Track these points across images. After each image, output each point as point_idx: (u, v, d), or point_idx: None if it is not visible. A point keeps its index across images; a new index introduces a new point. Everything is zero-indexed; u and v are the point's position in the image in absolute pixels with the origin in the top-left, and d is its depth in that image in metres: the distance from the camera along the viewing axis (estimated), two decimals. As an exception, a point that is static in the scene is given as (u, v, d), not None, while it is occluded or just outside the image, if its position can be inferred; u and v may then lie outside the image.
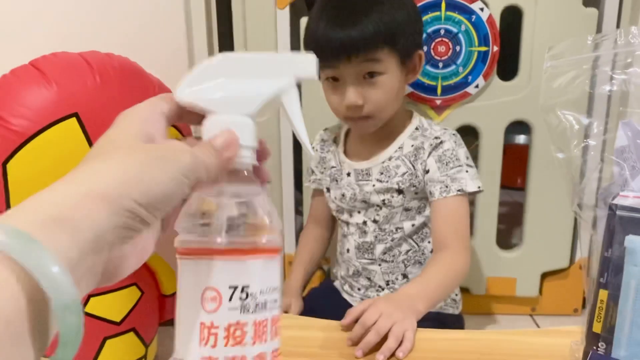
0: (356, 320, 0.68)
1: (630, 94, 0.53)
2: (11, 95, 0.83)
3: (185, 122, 0.36)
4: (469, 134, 1.26)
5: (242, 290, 0.31)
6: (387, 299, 0.74)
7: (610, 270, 0.50)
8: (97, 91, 0.88)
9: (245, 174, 0.34)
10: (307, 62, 0.35)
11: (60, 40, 0.95)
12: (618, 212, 0.50)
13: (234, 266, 0.32)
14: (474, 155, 1.21)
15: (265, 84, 0.34)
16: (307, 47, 0.96)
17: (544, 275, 1.41)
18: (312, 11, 0.95)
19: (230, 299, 0.31)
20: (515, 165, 1.56)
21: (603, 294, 0.51)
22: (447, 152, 0.96)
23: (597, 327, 0.51)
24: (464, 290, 1.38)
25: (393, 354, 0.62)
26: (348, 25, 0.87)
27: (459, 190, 0.93)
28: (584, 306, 1.40)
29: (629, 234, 0.49)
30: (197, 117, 0.35)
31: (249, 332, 0.31)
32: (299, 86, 0.35)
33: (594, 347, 0.51)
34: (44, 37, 1.18)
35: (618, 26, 1.22)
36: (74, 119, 0.86)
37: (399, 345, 0.63)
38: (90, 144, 0.85)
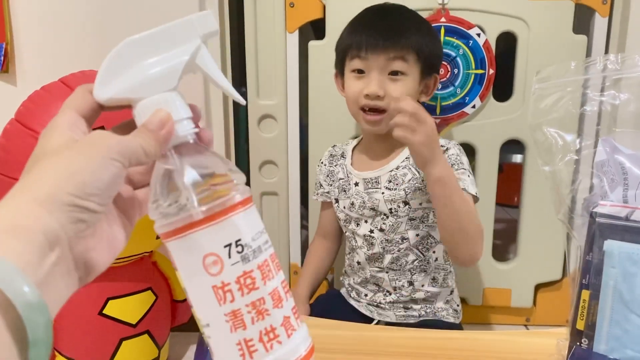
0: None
1: (608, 113, 0.58)
2: (43, 109, 0.89)
3: (108, 110, 0.36)
4: (466, 154, 1.30)
5: (237, 245, 0.33)
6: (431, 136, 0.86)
7: (592, 272, 0.54)
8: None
9: (192, 142, 0.35)
10: (207, 19, 0.36)
11: (88, 60, 1.01)
12: (598, 219, 0.54)
13: (221, 227, 0.33)
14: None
15: (176, 54, 0.35)
16: (343, 43, 1.05)
17: (538, 287, 1.43)
18: (354, 19, 1.06)
19: (229, 256, 0.33)
20: (513, 183, 1.58)
21: (585, 294, 0.54)
22: (452, 157, 1.02)
23: (580, 325, 0.54)
24: (461, 300, 1.40)
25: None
26: (390, 28, 0.98)
27: (462, 189, 0.96)
28: (576, 317, 1.41)
29: (607, 239, 0.53)
30: (118, 107, 0.36)
31: (257, 276, 0.34)
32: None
33: (578, 343, 0.54)
34: (72, 57, 1.23)
35: (606, 52, 1.27)
36: (100, 132, 0.91)
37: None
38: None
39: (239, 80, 1.39)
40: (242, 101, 0.39)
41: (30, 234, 0.27)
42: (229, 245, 0.33)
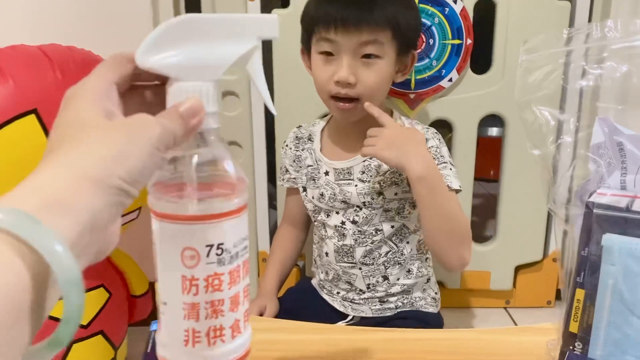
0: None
1: (607, 89, 0.52)
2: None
3: (138, 82, 0.36)
4: (442, 127, 1.25)
5: (218, 247, 0.34)
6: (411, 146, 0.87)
7: (587, 269, 0.49)
8: (57, 86, 0.84)
9: (213, 137, 0.35)
10: (270, 22, 0.36)
11: (19, 33, 0.92)
12: (595, 211, 0.49)
13: (208, 228, 0.34)
14: (448, 147, 1.20)
15: (229, 48, 0.35)
16: (308, 17, 0.94)
17: (518, 269, 1.42)
18: None
19: (207, 256, 0.34)
20: (489, 157, 1.57)
21: (580, 294, 0.50)
22: (431, 150, 0.94)
23: (574, 327, 0.50)
24: (439, 284, 1.38)
25: None
26: (363, 3, 0.88)
27: (446, 185, 0.91)
28: (557, 298, 1.41)
29: (606, 233, 0.48)
30: (152, 77, 0.36)
31: (226, 279, 0.35)
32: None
33: (571, 347, 0.51)
34: (1, 30, 1.13)
35: (590, 19, 1.22)
36: (33, 116, 0.81)
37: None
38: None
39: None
40: (274, 112, 0.39)
41: (78, 212, 0.27)
42: (211, 246, 0.34)
